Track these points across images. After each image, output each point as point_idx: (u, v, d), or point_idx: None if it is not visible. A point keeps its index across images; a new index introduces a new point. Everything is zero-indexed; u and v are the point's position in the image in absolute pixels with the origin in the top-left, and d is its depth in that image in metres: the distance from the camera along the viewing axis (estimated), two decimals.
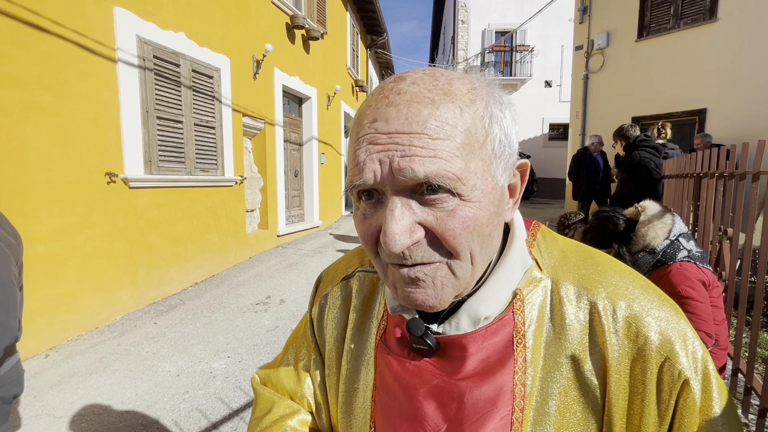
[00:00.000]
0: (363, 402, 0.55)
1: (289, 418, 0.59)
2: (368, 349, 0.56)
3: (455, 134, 0.38)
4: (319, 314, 0.63)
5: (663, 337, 0.43)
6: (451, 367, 0.47)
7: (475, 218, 0.39)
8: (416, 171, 0.36)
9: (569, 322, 0.46)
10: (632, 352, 0.44)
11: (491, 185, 0.41)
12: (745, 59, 5.79)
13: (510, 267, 0.47)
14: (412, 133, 0.37)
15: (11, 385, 1.16)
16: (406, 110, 0.38)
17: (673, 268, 1.60)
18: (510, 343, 0.46)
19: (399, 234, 0.38)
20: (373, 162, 0.38)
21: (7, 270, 1.07)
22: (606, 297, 0.45)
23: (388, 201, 0.39)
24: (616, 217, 1.75)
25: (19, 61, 2.75)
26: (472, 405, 0.45)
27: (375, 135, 0.38)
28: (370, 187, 0.40)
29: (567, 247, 0.52)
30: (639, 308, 0.45)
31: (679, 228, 1.67)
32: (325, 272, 0.67)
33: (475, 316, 0.46)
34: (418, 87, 0.39)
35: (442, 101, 0.38)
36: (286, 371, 0.65)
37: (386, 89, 0.40)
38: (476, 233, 0.40)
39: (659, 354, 0.43)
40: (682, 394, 0.43)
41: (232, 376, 2.63)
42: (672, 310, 0.46)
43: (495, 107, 0.42)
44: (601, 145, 6.04)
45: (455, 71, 0.43)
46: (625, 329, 0.44)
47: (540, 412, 0.45)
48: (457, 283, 0.42)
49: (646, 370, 0.43)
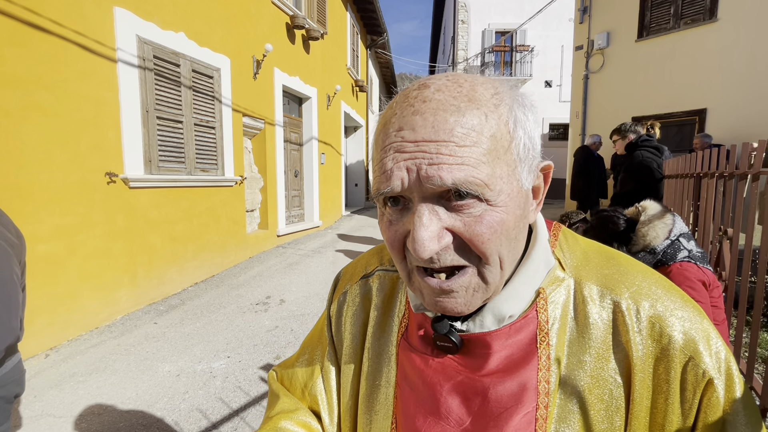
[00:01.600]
0: (385, 398, 0.55)
1: (285, 416, 0.59)
2: (390, 347, 0.57)
3: (481, 140, 0.38)
4: (337, 312, 0.64)
5: (687, 337, 0.44)
6: (475, 363, 0.48)
7: (503, 222, 0.40)
8: (444, 179, 0.37)
9: (593, 321, 0.46)
10: (656, 351, 0.44)
11: (517, 189, 0.41)
12: (745, 59, 5.79)
13: (534, 266, 0.48)
14: (439, 141, 0.37)
15: (12, 385, 1.16)
16: (433, 118, 0.38)
17: (673, 269, 1.59)
18: (534, 340, 0.47)
19: (428, 240, 0.38)
20: (401, 170, 0.39)
21: (9, 269, 1.07)
22: (629, 297, 0.46)
23: (415, 208, 0.40)
24: (616, 216, 1.75)
25: (20, 61, 2.75)
26: (496, 400, 0.46)
27: (402, 143, 0.39)
28: (397, 194, 0.40)
29: (589, 248, 0.52)
30: (662, 308, 0.45)
31: (680, 228, 1.66)
32: (343, 271, 0.68)
33: (499, 315, 0.47)
34: (443, 94, 0.39)
35: (467, 108, 0.39)
36: (301, 367, 0.66)
37: (411, 97, 0.41)
38: (504, 237, 0.41)
39: (683, 354, 0.43)
40: (706, 394, 0.43)
41: (232, 376, 2.63)
42: (695, 310, 0.46)
43: (519, 111, 0.42)
44: (601, 144, 6.04)
45: (478, 76, 0.44)
46: (649, 329, 0.44)
47: (564, 409, 0.45)
48: (487, 289, 0.43)
49: (670, 370, 0.44)
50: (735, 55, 5.89)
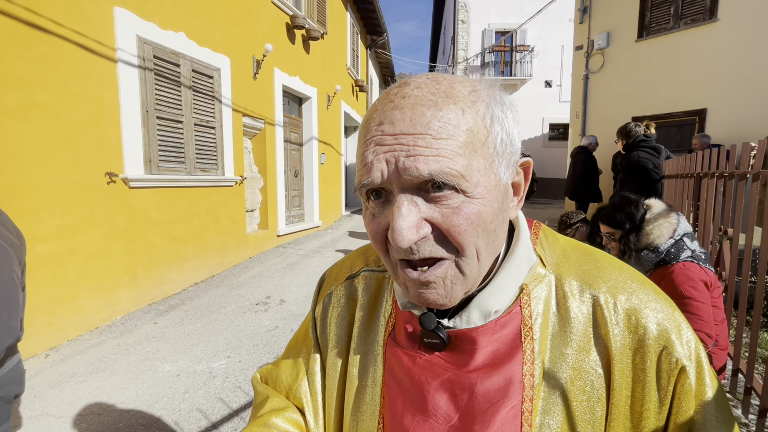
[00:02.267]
0: (372, 399, 0.55)
1: (276, 414, 0.59)
2: (376, 347, 0.57)
3: (458, 134, 0.39)
4: (322, 313, 0.63)
5: (660, 328, 0.46)
6: (461, 359, 0.49)
7: (480, 214, 0.41)
8: (421, 169, 0.38)
9: (573, 315, 0.48)
10: (633, 342, 0.46)
11: (494, 182, 0.42)
12: (746, 59, 5.79)
13: (517, 263, 0.49)
14: (417, 134, 0.39)
15: (12, 385, 1.16)
16: (411, 112, 0.39)
17: (676, 268, 1.60)
18: (518, 335, 0.48)
19: (406, 229, 0.39)
20: (380, 162, 0.40)
21: (10, 269, 1.07)
22: (607, 291, 0.48)
23: (395, 199, 0.41)
24: (639, 202, 1.76)
25: (19, 60, 2.75)
26: (483, 395, 0.47)
27: (382, 137, 0.40)
28: (378, 186, 0.42)
29: (567, 245, 0.54)
30: (637, 301, 0.47)
31: (684, 228, 1.67)
32: (328, 272, 0.68)
33: (485, 310, 0.48)
34: (421, 91, 0.41)
35: (444, 103, 0.40)
36: (285, 370, 0.66)
37: (392, 94, 0.42)
38: (481, 229, 0.42)
39: (657, 343, 0.45)
40: (680, 380, 0.45)
41: (232, 376, 2.63)
42: (666, 302, 0.48)
43: (496, 108, 0.43)
44: (597, 145, 6.08)
45: (457, 75, 0.45)
46: (626, 321, 0.46)
47: (548, 401, 0.47)
48: (465, 280, 0.44)
49: (646, 359, 0.45)
50: (735, 55, 5.89)
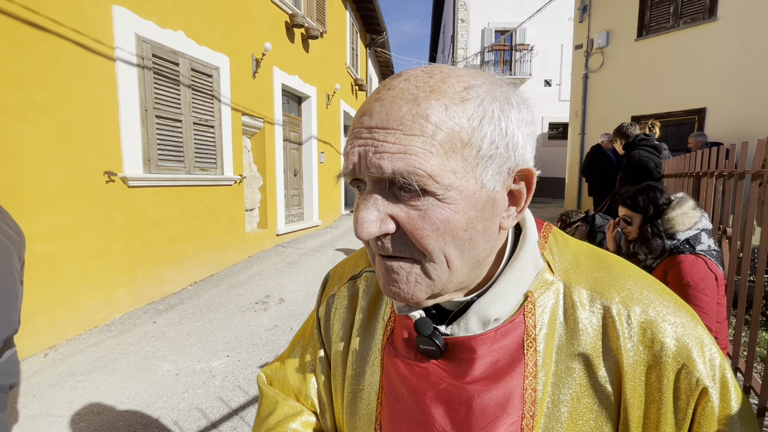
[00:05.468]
0: (368, 404, 0.54)
1: (291, 420, 0.59)
2: (374, 351, 0.55)
3: (434, 131, 0.37)
4: (326, 314, 0.63)
5: (679, 344, 0.42)
6: (459, 369, 0.46)
7: (447, 221, 0.38)
8: (384, 167, 0.37)
9: (582, 326, 0.44)
10: (648, 358, 0.43)
11: (474, 188, 0.39)
12: (745, 58, 5.79)
13: (521, 268, 0.46)
14: (388, 129, 0.37)
15: (8, 375, 1.20)
16: (389, 105, 0.38)
17: (687, 258, 1.63)
18: (520, 346, 0.45)
19: (366, 222, 0.39)
20: (354, 155, 0.39)
21: (10, 264, 1.11)
22: (620, 302, 0.44)
23: (365, 191, 0.40)
24: (662, 191, 1.81)
25: (19, 60, 2.74)
26: (481, 410, 0.44)
27: (360, 129, 0.39)
28: (352, 177, 0.41)
29: (579, 250, 0.50)
30: (654, 313, 0.43)
31: (705, 224, 1.73)
32: (332, 271, 0.67)
33: (484, 318, 0.45)
34: (408, 84, 0.39)
35: (425, 98, 0.37)
36: (292, 370, 0.65)
37: (382, 85, 0.41)
38: (449, 236, 0.39)
39: (676, 361, 0.42)
40: (701, 403, 0.42)
41: (231, 375, 2.63)
42: (688, 315, 0.45)
43: (494, 106, 0.39)
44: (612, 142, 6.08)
45: (459, 68, 0.42)
46: (640, 335, 0.43)
47: (551, 418, 0.44)
48: (431, 283, 0.41)
49: (663, 378, 0.42)
50: (734, 55, 5.89)
